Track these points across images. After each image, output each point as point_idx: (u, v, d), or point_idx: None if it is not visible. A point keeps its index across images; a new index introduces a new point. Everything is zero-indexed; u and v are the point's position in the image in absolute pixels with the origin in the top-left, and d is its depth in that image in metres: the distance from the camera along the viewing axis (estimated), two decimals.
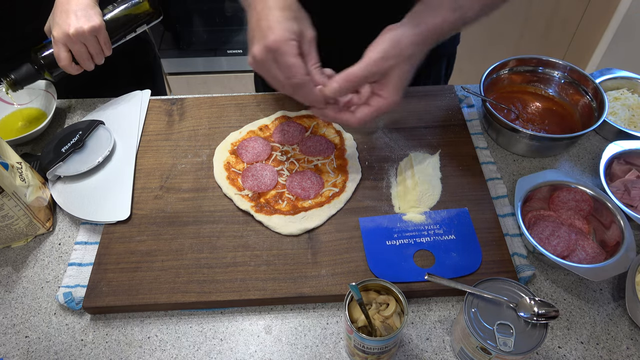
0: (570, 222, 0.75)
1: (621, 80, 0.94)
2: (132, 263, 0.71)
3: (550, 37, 2.04)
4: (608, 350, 0.64)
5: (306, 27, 0.67)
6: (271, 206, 0.77)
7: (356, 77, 0.65)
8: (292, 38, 0.63)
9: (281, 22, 0.63)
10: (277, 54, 0.63)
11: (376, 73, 0.65)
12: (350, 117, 0.69)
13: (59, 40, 0.80)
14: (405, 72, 0.66)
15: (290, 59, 0.63)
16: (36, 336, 0.67)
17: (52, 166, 0.79)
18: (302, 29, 0.66)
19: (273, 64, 0.64)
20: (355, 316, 0.58)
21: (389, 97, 0.67)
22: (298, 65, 0.64)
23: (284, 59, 0.63)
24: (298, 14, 0.66)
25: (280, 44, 0.62)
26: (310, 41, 0.67)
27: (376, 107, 0.68)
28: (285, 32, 0.63)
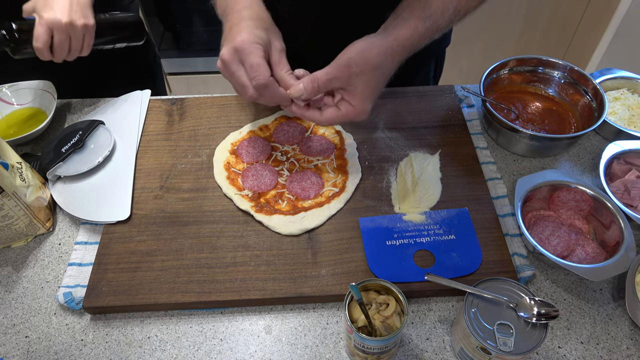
0: (570, 222, 0.75)
1: (621, 80, 0.94)
2: (132, 263, 0.71)
3: (550, 37, 2.04)
4: (608, 350, 0.64)
5: (276, 39, 0.71)
6: (271, 206, 0.77)
7: (320, 81, 0.67)
8: (258, 42, 0.66)
9: (251, 28, 0.67)
10: (242, 54, 0.65)
11: (340, 78, 0.67)
12: (318, 115, 0.71)
13: (46, 23, 0.78)
14: (372, 82, 0.68)
15: (256, 59, 0.65)
16: (36, 336, 0.67)
17: (52, 166, 0.79)
18: (271, 39, 0.70)
19: (239, 65, 0.66)
20: (355, 316, 0.58)
21: (356, 105, 0.68)
22: (263, 65, 0.66)
23: (249, 59, 0.65)
24: (269, 27, 0.70)
25: (246, 44, 0.65)
26: (280, 51, 0.70)
27: (344, 113, 0.69)
28: (252, 35, 0.66)
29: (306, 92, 0.68)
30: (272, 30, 0.71)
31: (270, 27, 0.71)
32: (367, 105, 0.69)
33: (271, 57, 0.70)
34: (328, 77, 0.67)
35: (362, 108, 0.68)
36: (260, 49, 0.66)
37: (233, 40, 0.66)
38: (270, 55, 0.69)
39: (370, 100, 0.69)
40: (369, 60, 0.66)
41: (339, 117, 0.70)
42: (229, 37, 0.68)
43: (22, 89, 0.95)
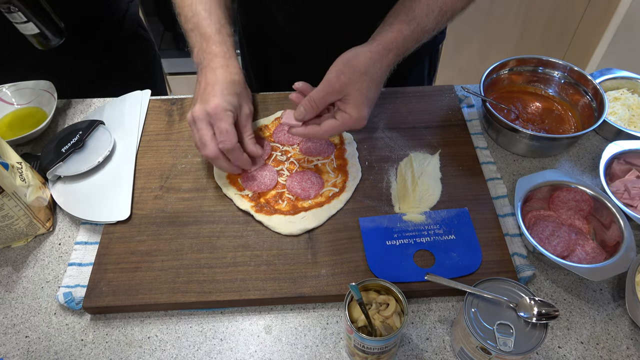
0: (570, 222, 0.75)
1: (621, 80, 0.94)
2: (132, 263, 0.71)
3: (550, 37, 2.04)
4: (608, 350, 0.64)
5: (245, 103, 0.77)
6: (271, 206, 0.77)
7: (316, 99, 0.71)
8: (230, 109, 0.72)
9: (224, 94, 0.72)
10: (213, 119, 0.71)
11: (333, 91, 0.70)
12: (318, 129, 0.73)
13: None
14: (364, 89, 0.70)
15: (225, 125, 0.71)
16: (36, 336, 0.67)
17: (52, 166, 0.79)
18: (242, 104, 0.76)
19: (207, 126, 0.72)
20: (355, 316, 0.58)
21: (351, 112, 0.70)
22: (232, 132, 0.71)
23: (219, 124, 0.71)
24: (241, 91, 0.76)
25: (218, 109, 0.71)
26: (247, 115, 0.77)
27: (341, 122, 0.71)
28: (225, 102, 0.72)
29: (307, 113, 0.72)
30: (243, 94, 0.76)
31: (242, 92, 0.76)
32: (363, 112, 0.70)
33: (239, 120, 0.76)
34: (322, 93, 0.70)
35: (359, 115, 0.70)
36: (230, 116, 0.72)
37: (207, 103, 0.72)
38: (238, 119, 0.75)
39: (366, 106, 0.70)
40: (356, 68, 0.69)
41: (337, 127, 0.72)
42: (203, 97, 0.73)
43: (22, 89, 0.95)
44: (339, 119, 0.71)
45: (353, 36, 0.76)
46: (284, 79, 1.06)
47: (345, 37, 0.91)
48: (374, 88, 0.71)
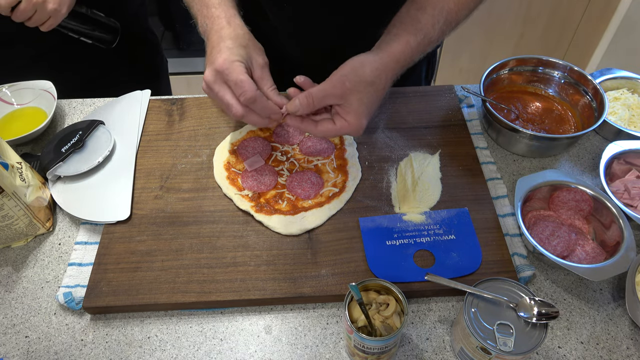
0: (570, 222, 0.75)
1: (621, 80, 0.94)
2: (132, 263, 0.71)
3: (550, 37, 2.04)
4: (608, 350, 0.64)
5: (257, 54, 0.71)
6: (271, 206, 0.77)
7: (315, 97, 0.68)
8: (239, 60, 0.67)
9: (230, 48, 0.68)
10: (224, 74, 0.66)
11: (334, 95, 0.68)
12: (313, 127, 0.71)
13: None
14: (366, 99, 0.68)
15: (239, 75, 0.66)
16: (36, 336, 0.67)
17: (52, 166, 0.79)
18: (252, 55, 0.70)
19: (222, 85, 0.67)
20: (355, 316, 0.58)
21: (350, 121, 0.68)
22: (247, 81, 0.66)
23: (232, 77, 0.66)
24: (249, 43, 0.71)
25: (227, 64, 0.66)
26: (262, 66, 0.71)
27: (338, 127, 0.69)
28: (232, 55, 0.67)
29: (302, 108, 0.69)
30: (251, 46, 0.71)
31: (249, 43, 0.71)
32: (361, 121, 0.69)
33: (253, 73, 0.71)
34: (322, 93, 0.68)
35: (357, 124, 0.68)
36: (241, 66, 0.67)
37: (214, 62, 0.67)
38: (253, 72, 0.70)
39: (365, 116, 0.69)
40: (363, 77, 0.67)
41: (333, 131, 0.70)
42: (210, 59, 0.69)
43: (22, 89, 0.95)
44: (337, 124, 0.70)
45: (346, 38, 0.76)
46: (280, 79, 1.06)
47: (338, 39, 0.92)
48: (377, 99, 0.70)
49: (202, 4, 0.75)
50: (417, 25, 0.71)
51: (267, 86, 0.71)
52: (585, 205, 0.75)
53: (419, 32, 0.71)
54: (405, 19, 0.72)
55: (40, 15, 0.86)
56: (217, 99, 0.69)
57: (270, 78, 0.72)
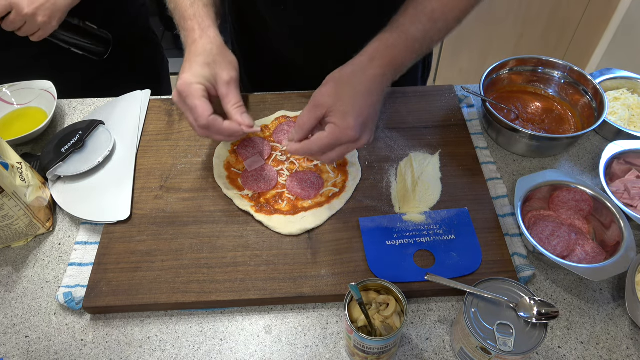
0: (570, 222, 0.75)
1: (621, 80, 0.94)
2: (132, 263, 0.71)
3: (550, 37, 2.04)
4: (608, 350, 0.64)
5: (223, 70, 0.70)
6: (271, 206, 0.77)
7: (304, 117, 0.68)
8: (197, 82, 0.67)
9: (192, 68, 0.68)
10: (183, 97, 0.67)
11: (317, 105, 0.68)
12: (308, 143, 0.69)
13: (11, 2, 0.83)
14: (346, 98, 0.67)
15: (194, 100, 0.67)
16: (36, 336, 0.67)
17: (52, 166, 0.79)
18: (217, 73, 0.70)
19: (185, 106, 0.68)
20: (355, 316, 0.58)
21: (336, 122, 0.66)
22: (200, 106, 0.67)
23: (188, 101, 0.67)
24: (216, 58, 0.70)
25: (185, 86, 0.67)
26: (227, 83, 0.70)
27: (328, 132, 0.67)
28: (192, 76, 0.67)
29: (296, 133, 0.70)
30: (219, 61, 0.71)
31: (217, 59, 0.71)
32: (348, 121, 0.66)
33: (218, 90, 0.71)
34: (307, 109, 0.68)
35: (343, 124, 0.66)
36: (199, 89, 0.68)
37: (178, 81, 0.69)
38: (217, 89, 0.71)
39: (351, 116, 0.66)
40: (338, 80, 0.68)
41: (325, 138, 0.67)
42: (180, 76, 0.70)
43: (22, 89, 0.95)
44: (327, 129, 0.68)
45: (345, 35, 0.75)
46: (277, 79, 1.06)
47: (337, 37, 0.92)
48: (359, 98, 0.67)
49: (180, 16, 0.76)
50: (394, 24, 0.71)
51: (231, 104, 0.71)
52: (585, 205, 0.75)
53: (396, 29, 0.70)
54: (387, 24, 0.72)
55: (29, 27, 0.86)
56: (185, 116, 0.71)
57: (236, 94, 0.71)
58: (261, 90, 0.97)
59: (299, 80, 0.95)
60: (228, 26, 1.08)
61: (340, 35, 0.91)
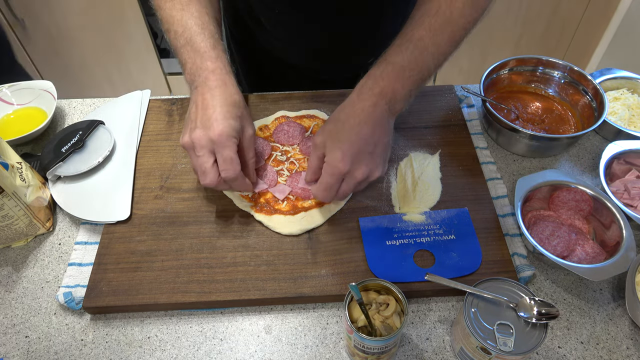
0: (570, 222, 0.75)
1: (621, 80, 0.94)
2: (132, 263, 0.71)
3: (550, 37, 2.04)
4: (608, 350, 0.64)
5: (248, 125, 0.72)
6: (271, 206, 0.77)
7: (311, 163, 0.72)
8: (234, 135, 0.68)
9: (227, 119, 0.68)
10: (217, 146, 0.67)
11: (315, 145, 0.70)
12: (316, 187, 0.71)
13: None
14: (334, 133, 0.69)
15: (230, 153, 0.67)
16: (36, 336, 0.67)
17: (52, 166, 0.79)
18: (244, 126, 0.71)
19: (209, 154, 0.68)
20: (355, 316, 0.58)
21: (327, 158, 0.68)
22: (235, 160, 0.68)
23: (224, 153, 0.67)
24: (243, 112, 0.71)
25: (223, 138, 0.67)
26: (250, 137, 0.72)
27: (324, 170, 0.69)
28: (229, 128, 0.67)
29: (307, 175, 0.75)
30: (245, 115, 0.72)
31: (243, 113, 0.72)
32: (336, 155, 0.66)
33: (242, 144, 0.72)
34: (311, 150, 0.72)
35: (333, 158, 0.67)
36: (235, 143, 0.68)
37: (209, 129, 0.67)
38: (241, 142, 0.71)
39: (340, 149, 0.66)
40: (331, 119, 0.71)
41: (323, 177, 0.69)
42: (204, 121, 0.68)
43: (22, 89, 0.95)
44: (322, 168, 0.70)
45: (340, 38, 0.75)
46: (274, 78, 1.06)
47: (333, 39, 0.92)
48: (348, 132, 0.67)
49: (197, 54, 0.72)
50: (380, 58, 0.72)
51: (249, 157, 0.74)
52: (585, 205, 0.75)
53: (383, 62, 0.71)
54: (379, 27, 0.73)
55: None
56: (197, 161, 0.69)
57: (253, 148, 0.74)
58: (260, 91, 0.97)
59: (298, 80, 0.96)
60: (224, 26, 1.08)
61: (339, 34, 0.91)
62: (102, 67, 2.04)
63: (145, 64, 2.03)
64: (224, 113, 0.68)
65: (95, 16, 1.84)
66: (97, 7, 1.80)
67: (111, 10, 1.82)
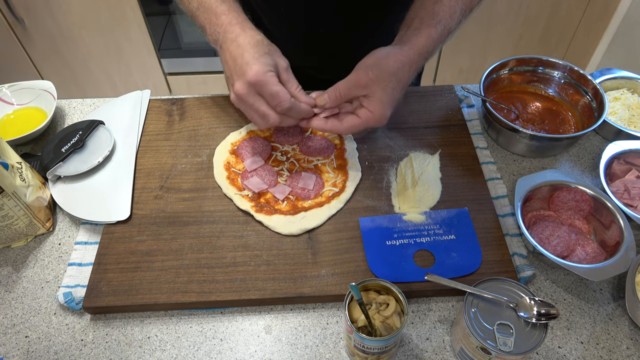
0: (570, 222, 0.75)
1: (621, 80, 0.94)
2: (132, 263, 0.71)
3: (550, 37, 2.04)
4: (608, 350, 0.64)
5: (279, 58, 0.72)
6: (271, 206, 0.77)
7: (341, 89, 0.70)
8: (270, 70, 0.68)
9: (257, 58, 0.68)
10: (259, 87, 0.67)
11: (359, 85, 0.69)
12: (339, 125, 0.72)
13: None
14: (389, 89, 0.69)
15: (274, 87, 0.67)
16: (36, 336, 0.67)
17: (52, 166, 0.79)
18: (276, 60, 0.71)
19: (256, 96, 0.68)
20: (355, 316, 0.58)
21: (374, 111, 0.70)
22: (282, 91, 0.68)
23: (268, 89, 0.67)
24: (270, 48, 0.71)
25: (260, 76, 0.67)
26: (286, 69, 0.72)
27: (364, 119, 0.71)
28: (263, 65, 0.67)
29: (330, 101, 0.71)
30: (273, 50, 0.72)
31: (271, 48, 0.72)
32: (385, 111, 0.70)
33: (280, 77, 0.71)
34: (348, 84, 0.70)
35: (381, 114, 0.70)
36: (274, 76, 0.68)
37: (244, 74, 0.67)
38: (280, 76, 0.71)
39: (389, 106, 0.70)
40: (386, 68, 0.68)
41: (358, 125, 0.71)
42: (237, 70, 0.68)
43: (22, 89, 0.95)
44: (362, 116, 0.71)
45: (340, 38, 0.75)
46: None
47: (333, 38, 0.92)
48: (399, 90, 0.71)
49: (210, 13, 0.74)
50: (436, 18, 0.71)
51: (294, 88, 0.72)
52: (585, 205, 0.75)
53: (439, 24, 0.71)
54: (422, 13, 0.72)
55: None
56: (251, 109, 0.70)
57: (294, 78, 0.73)
58: None
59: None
60: None
61: (339, 34, 0.91)
62: (102, 67, 2.04)
63: (145, 64, 2.03)
64: (252, 54, 0.68)
65: (95, 16, 1.84)
66: (97, 7, 1.80)
67: (111, 10, 1.82)
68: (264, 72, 0.67)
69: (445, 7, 0.72)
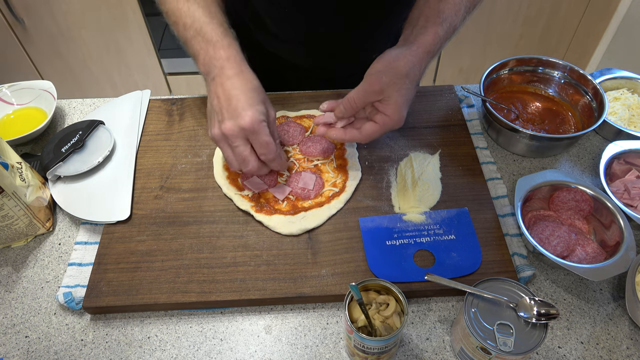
0: (570, 222, 0.75)
1: (621, 80, 0.94)
2: (132, 263, 0.71)
3: (550, 37, 2.04)
4: (608, 350, 0.64)
5: (270, 109, 0.74)
6: (271, 206, 0.77)
7: (356, 99, 0.71)
8: (264, 120, 0.69)
9: (252, 105, 0.69)
10: (250, 133, 0.68)
11: (373, 91, 0.69)
12: (357, 134, 0.74)
13: None
14: (403, 90, 0.70)
15: (266, 137, 0.69)
16: (36, 336, 0.67)
17: (52, 166, 0.79)
18: (268, 110, 0.72)
19: (243, 140, 0.69)
20: (355, 316, 0.58)
21: (391, 114, 0.70)
22: (272, 142, 0.70)
23: (259, 138, 0.68)
24: (264, 97, 0.72)
25: (255, 124, 0.68)
26: (273, 121, 0.74)
27: (381, 124, 0.71)
28: (258, 113, 0.69)
29: (346, 112, 0.73)
30: (266, 100, 0.73)
31: (265, 98, 0.72)
32: (402, 113, 0.70)
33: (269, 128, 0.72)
34: (362, 93, 0.70)
35: (399, 116, 0.70)
36: (266, 126, 0.69)
37: (239, 117, 0.67)
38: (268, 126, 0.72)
39: (405, 107, 0.71)
40: (398, 70, 0.69)
41: (377, 130, 0.72)
42: (230, 111, 0.68)
43: (22, 89, 0.95)
44: (379, 122, 0.71)
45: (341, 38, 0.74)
46: (274, 78, 1.06)
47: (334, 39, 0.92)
48: (413, 90, 0.71)
49: (208, 44, 0.72)
50: (441, 16, 0.71)
51: (275, 137, 0.74)
52: (585, 205, 0.75)
53: (444, 22, 0.71)
54: (427, 11, 0.72)
55: None
56: (232, 152, 0.70)
57: (277, 131, 0.76)
58: None
59: (298, 80, 0.96)
60: None
61: (340, 34, 0.91)
62: (102, 67, 2.04)
63: (145, 64, 2.03)
64: (249, 100, 0.68)
65: (96, 16, 1.84)
66: (97, 7, 1.81)
67: (111, 10, 1.82)
68: (259, 121, 0.68)
69: (450, 5, 0.72)
